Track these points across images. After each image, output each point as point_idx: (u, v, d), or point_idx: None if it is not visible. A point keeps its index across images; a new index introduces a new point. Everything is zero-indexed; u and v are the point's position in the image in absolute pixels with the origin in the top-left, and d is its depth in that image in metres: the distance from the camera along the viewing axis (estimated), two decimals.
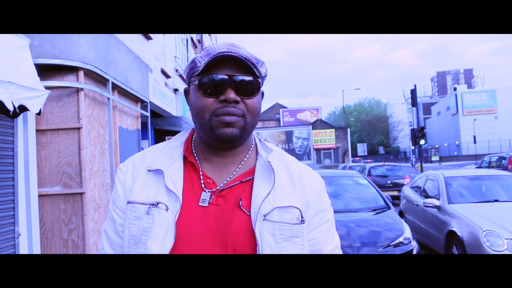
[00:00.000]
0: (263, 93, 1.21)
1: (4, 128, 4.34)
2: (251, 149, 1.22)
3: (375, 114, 74.61)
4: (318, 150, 40.42)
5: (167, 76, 10.64)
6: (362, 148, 50.79)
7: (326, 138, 40.43)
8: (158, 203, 1.10)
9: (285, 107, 54.04)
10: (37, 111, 3.38)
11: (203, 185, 1.14)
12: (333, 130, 40.93)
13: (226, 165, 1.18)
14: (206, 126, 1.11)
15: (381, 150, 59.52)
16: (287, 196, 1.12)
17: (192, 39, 15.20)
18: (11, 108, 3.02)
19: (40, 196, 5.07)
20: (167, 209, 1.09)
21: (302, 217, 1.12)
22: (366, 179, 7.17)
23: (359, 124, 71.31)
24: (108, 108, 6.24)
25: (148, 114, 8.40)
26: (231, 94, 1.08)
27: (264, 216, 1.07)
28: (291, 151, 38.85)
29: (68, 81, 5.29)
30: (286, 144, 39.23)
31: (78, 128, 5.27)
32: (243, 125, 1.11)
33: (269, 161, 1.15)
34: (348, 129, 42.42)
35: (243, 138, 1.15)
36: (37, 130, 5.13)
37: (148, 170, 1.15)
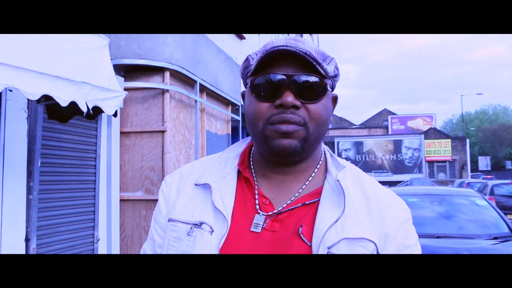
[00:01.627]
0: (336, 98, 1.12)
1: (87, 130, 4.53)
2: (318, 165, 1.12)
3: (501, 122, 68.87)
4: (431, 163, 38.48)
5: None
6: (484, 162, 47.23)
7: (441, 150, 38.42)
8: (201, 224, 1.03)
9: (394, 114, 52.41)
10: (112, 113, 3.42)
11: (257, 206, 1.05)
12: (449, 140, 38.75)
13: (287, 183, 1.09)
14: (260, 136, 1.03)
15: (509, 164, 54.65)
16: (360, 225, 1.00)
17: None
18: (84, 109, 3.06)
19: (121, 200, 5.23)
20: (212, 231, 1.02)
21: (377, 253, 1.00)
22: (485, 200, 6.45)
23: (481, 134, 66.34)
24: (195, 111, 6.32)
25: (239, 118, 8.42)
26: (289, 98, 0.99)
27: (328, 248, 0.96)
28: (399, 163, 37.42)
29: (153, 82, 5.41)
30: (394, 155, 37.81)
31: (163, 131, 5.38)
32: (304, 135, 1.01)
33: (338, 180, 1.04)
34: (468, 140, 39.88)
35: (305, 152, 1.05)
36: (121, 132, 5.31)
37: (195, 184, 1.09)
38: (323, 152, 1.16)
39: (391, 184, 31.52)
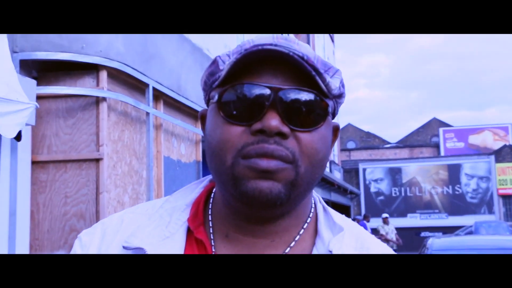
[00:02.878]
0: (337, 129, 1.18)
1: None
2: (306, 224, 1.17)
3: None
4: (507, 198, 38.38)
5: None
6: None
7: None
8: None
9: (448, 125, 52.70)
10: (13, 135, 3.37)
11: None
12: None
13: (259, 250, 1.13)
14: (227, 175, 1.06)
15: None
16: None
17: None
18: None
19: None
20: None
21: None
22: None
23: None
24: (147, 128, 6.30)
25: None
26: (273, 121, 1.02)
27: None
28: (458, 198, 37.41)
29: (82, 87, 5.38)
30: (450, 187, 37.80)
31: (97, 160, 5.34)
32: (292, 178, 1.04)
33: (330, 251, 1.09)
34: None
35: (291, 203, 1.08)
36: (33, 162, 5.26)
37: (124, 247, 1.11)
38: (313, 205, 1.20)
39: (446, 231, 31.19)
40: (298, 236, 1.14)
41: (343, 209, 28.39)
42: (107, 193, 5.35)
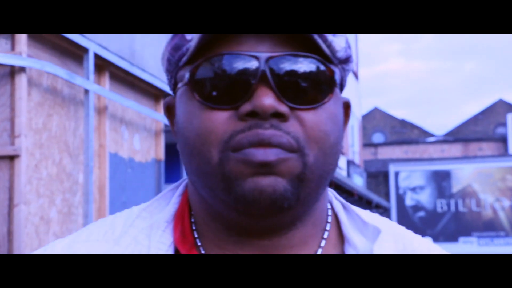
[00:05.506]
0: (348, 104, 1.27)
1: None
2: (327, 232, 1.25)
3: None
4: None
5: None
6: None
7: None
8: None
9: None
10: None
11: None
12: None
13: None
14: (215, 177, 1.11)
15: None
16: None
17: None
18: None
19: None
20: None
21: None
22: None
23: None
24: (85, 112, 6.31)
25: None
26: (267, 99, 1.07)
27: None
28: None
29: None
30: None
31: (12, 157, 5.33)
32: (299, 170, 1.09)
33: None
34: None
35: (302, 205, 1.15)
36: None
37: None
38: (329, 205, 1.28)
39: None
40: (320, 249, 1.20)
41: None
42: (25, 205, 5.34)
